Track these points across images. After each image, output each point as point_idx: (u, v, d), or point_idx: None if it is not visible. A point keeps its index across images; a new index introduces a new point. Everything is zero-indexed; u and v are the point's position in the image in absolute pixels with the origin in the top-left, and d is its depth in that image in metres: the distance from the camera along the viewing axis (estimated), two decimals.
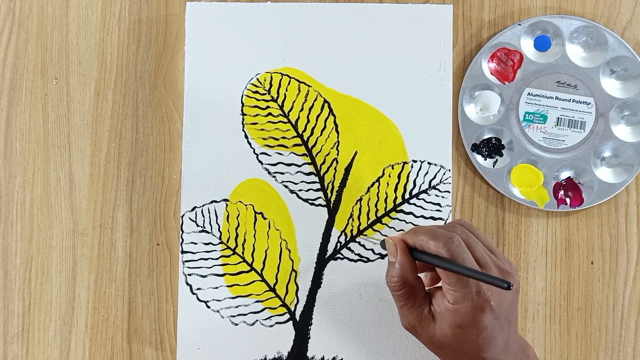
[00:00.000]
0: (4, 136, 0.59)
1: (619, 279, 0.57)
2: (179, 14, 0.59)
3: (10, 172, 0.59)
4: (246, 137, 0.58)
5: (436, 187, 0.57)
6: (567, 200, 0.57)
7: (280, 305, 0.57)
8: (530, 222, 0.58)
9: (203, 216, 0.57)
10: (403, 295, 0.47)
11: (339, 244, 0.57)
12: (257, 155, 0.58)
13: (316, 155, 0.58)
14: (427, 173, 0.57)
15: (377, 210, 0.57)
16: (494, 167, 0.58)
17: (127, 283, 0.58)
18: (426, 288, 0.49)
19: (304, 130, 0.58)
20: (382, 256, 0.57)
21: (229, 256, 0.57)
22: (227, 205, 0.57)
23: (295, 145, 0.58)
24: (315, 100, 0.58)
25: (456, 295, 0.45)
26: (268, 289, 0.57)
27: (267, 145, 0.58)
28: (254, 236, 0.57)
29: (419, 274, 0.48)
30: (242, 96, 0.58)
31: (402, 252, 0.47)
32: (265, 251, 0.57)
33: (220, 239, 0.57)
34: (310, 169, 0.58)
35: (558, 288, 0.57)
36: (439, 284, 0.48)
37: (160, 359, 0.58)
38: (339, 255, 0.57)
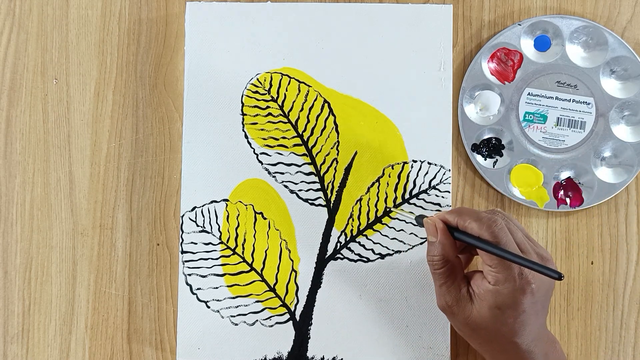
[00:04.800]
0: (4, 136, 0.59)
1: (619, 279, 0.57)
2: (179, 14, 0.59)
3: (10, 172, 0.59)
4: (246, 137, 0.58)
5: (436, 187, 0.57)
6: (567, 200, 0.57)
7: (280, 305, 0.57)
8: (530, 222, 0.58)
9: (203, 216, 0.57)
10: (444, 274, 0.48)
11: (339, 244, 0.57)
12: (257, 155, 0.58)
13: (316, 155, 0.58)
14: (427, 173, 0.57)
15: (377, 210, 0.57)
16: (494, 167, 0.58)
17: (127, 283, 0.58)
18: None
19: (304, 130, 0.58)
20: (382, 256, 0.57)
21: (229, 256, 0.57)
22: (227, 205, 0.57)
23: (295, 145, 0.58)
24: (315, 100, 0.58)
25: (498, 277, 0.45)
26: (268, 289, 0.57)
27: (267, 145, 0.58)
28: (254, 236, 0.57)
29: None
30: (242, 96, 0.58)
31: (442, 232, 0.48)
32: (265, 251, 0.57)
33: (220, 239, 0.57)
34: (310, 169, 0.58)
35: (558, 288, 0.57)
36: (479, 269, 0.48)
37: (160, 359, 0.58)
38: (339, 255, 0.57)
